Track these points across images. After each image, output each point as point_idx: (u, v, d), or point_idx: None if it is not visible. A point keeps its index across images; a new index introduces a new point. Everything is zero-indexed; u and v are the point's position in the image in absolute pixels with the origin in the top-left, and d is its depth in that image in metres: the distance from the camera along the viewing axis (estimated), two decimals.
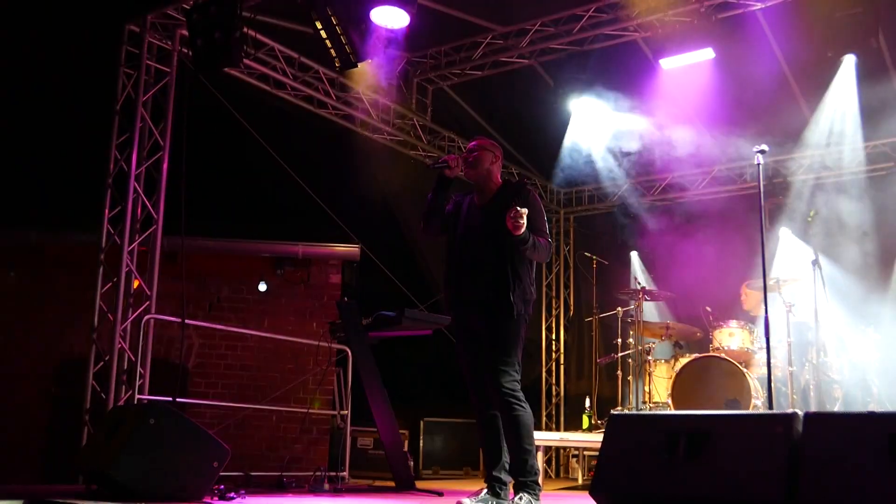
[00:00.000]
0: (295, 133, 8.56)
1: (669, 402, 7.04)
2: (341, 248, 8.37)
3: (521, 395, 4.12)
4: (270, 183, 8.47)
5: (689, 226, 9.00)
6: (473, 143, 4.49)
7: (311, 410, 7.57)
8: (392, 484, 6.02)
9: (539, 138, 9.63)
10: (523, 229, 4.00)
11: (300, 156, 8.14)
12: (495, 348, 4.14)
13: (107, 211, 6.31)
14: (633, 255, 9.98)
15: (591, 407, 8.30)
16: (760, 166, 4.83)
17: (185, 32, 6.46)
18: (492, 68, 8.37)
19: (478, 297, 4.23)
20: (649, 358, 7.60)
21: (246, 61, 7.20)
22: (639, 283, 8.07)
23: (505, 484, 4.24)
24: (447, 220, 4.42)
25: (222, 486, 4.51)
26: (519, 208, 3.99)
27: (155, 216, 6.41)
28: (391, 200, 8.93)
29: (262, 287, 8.21)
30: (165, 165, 6.48)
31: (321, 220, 8.18)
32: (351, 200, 8.60)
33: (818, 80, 7.98)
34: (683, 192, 10.00)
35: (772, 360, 4.81)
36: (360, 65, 6.39)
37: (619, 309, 8.20)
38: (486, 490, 4.24)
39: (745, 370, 6.79)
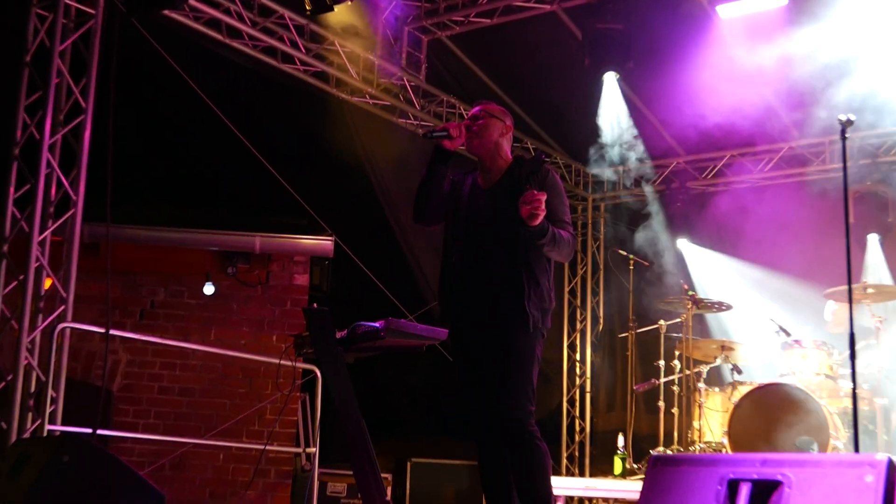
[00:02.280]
0: (253, 95, 8.53)
1: (725, 441, 7.03)
2: (310, 241, 8.33)
3: (535, 428, 4.12)
4: (221, 157, 8.43)
5: (752, 219, 8.99)
6: (478, 107, 4.50)
7: (270, 447, 7.55)
8: None
9: (562, 105, 9.62)
10: (541, 219, 3.98)
11: (259, 124, 8.11)
12: (504, 370, 4.12)
13: (12, 189, 6.25)
14: (682, 253, 9.98)
15: (625, 447, 8.28)
16: (846, 142, 4.80)
17: None
18: (503, 15, 8.34)
19: (483, 304, 4.21)
20: (700, 385, 7.59)
21: (192, 2, 7.16)
22: (688, 291, 8.06)
23: None
24: (445, 205, 4.41)
25: None
26: (536, 192, 3.97)
27: (73, 197, 6.36)
28: (374, 181, 8.89)
29: (209, 289, 8.17)
30: (88, 133, 6.43)
31: (285, 205, 8.15)
32: (323, 181, 8.57)
33: None
34: (745, 175, 10.01)
35: (857, 391, 4.77)
36: (336, 8, 6.37)
37: (662, 322, 8.20)
38: None
39: (822, 402, 6.78)
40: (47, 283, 6.24)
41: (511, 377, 4.11)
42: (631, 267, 9.14)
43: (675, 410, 7.84)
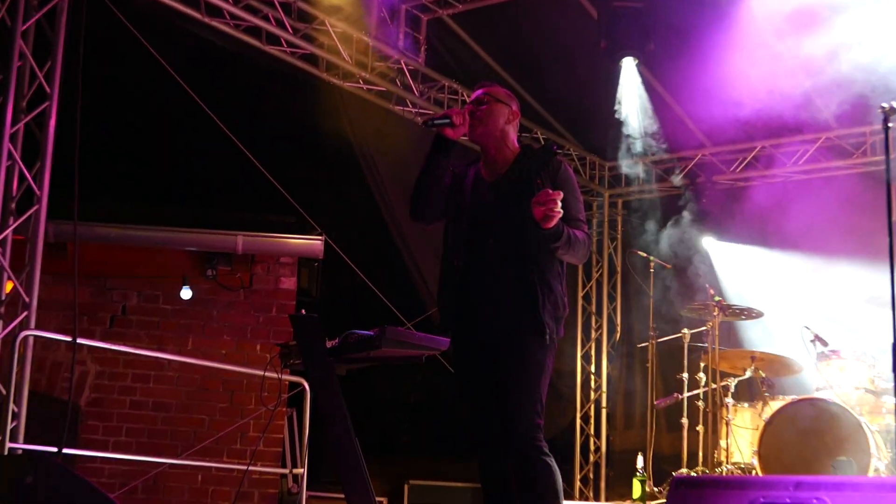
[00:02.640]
0: (235, 80, 8.51)
1: (755, 462, 7.01)
2: (298, 241, 8.32)
3: (543, 444, 4.11)
4: (200, 149, 8.42)
5: (785, 216, 8.97)
6: (481, 90, 4.49)
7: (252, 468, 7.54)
8: None
9: (576, 92, 9.61)
10: (556, 220, 3.98)
11: (242, 112, 8.09)
12: (511, 382, 4.12)
13: None
14: (709, 254, 9.96)
15: (644, 468, 8.26)
16: (889, 131, 4.79)
17: None
18: None
19: (490, 311, 4.21)
20: (728, 400, 7.57)
21: None
22: (714, 296, 8.05)
23: None
24: (446, 200, 4.40)
25: None
26: (551, 190, 3.96)
27: (37, 192, 6.35)
28: (369, 174, 8.87)
29: (186, 294, 8.17)
30: (53, 122, 6.42)
31: (270, 201, 8.13)
32: (312, 174, 8.56)
33: None
34: (778, 168, 10.00)
35: None
36: None
37: (686, 331, 8.18)
38: None
39: (862, 419, 6.76)
40: (8, 286, 6.23)
41: (518, 389, 4.10)
42: (651, 270, 9.08)
43: (699, 428, 7.82)
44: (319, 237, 8.25)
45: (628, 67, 8.99)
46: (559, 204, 3.94)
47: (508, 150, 4.42)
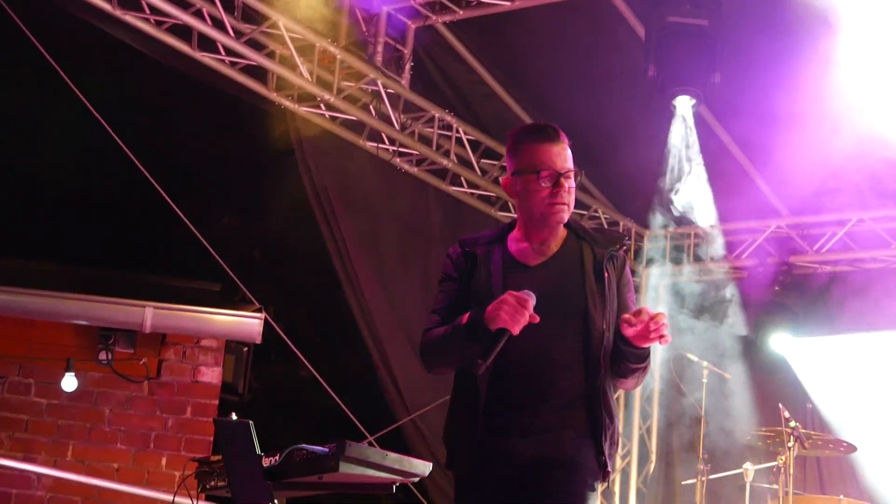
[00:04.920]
0: (153, 95, 8.50)
1: None
2: (227, 318, 8.23)
3: None
4: (99, 188, 8.38)
5: (890, 316, 8.94)
6: (569, 175, 4.23)
7: None
8: None
9: (608, 132, 9.59)
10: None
11: (159, 140, 8.08)
12: None
13: None
14: (781, 362, 9.90)
15: None
16: None
17: None
18: None
19: (529, 441, 4.09)
20: None
21: None
22: (789, 420, 7.97)
23: None
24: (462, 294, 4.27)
25: None
26: (650, 310, 3.87)
27: None
28: (328, 234, 8.83)
29: (69, 383, 8.05)
30: None
31: (191, 262, 8.07)
32: (251, 228, 8.49)
33: None
34: (879, 249, 9.99)
35: None
36: None
37: (748, 467, 8.10)
38: None
39: None
40: None
41: None
42: (704, 380, 9.02)
43: None
44: (258, 314, 8.16)
45: (683, 108, 8.97)
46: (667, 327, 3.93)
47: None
